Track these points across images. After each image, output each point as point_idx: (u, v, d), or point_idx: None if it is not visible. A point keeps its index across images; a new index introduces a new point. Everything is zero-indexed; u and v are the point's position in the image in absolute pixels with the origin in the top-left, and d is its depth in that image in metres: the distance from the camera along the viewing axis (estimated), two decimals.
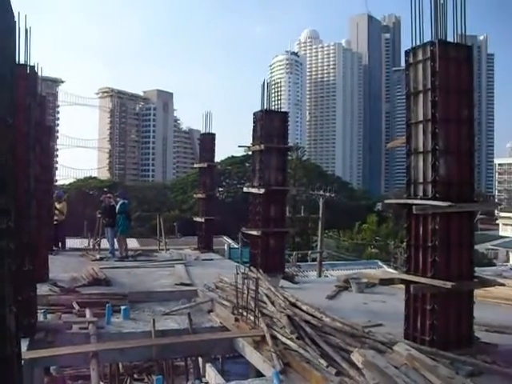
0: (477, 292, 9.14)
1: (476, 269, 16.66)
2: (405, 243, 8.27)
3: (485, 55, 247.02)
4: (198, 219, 21.73)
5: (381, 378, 5.90)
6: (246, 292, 9.59)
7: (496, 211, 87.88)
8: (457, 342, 7.75)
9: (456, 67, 7.79)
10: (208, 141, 21.92)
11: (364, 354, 6.53)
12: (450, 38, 7.86)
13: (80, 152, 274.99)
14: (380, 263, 31.57)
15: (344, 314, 9.54)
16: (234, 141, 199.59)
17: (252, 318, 9.08)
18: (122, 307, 10.26)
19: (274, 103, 14.81)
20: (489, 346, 7.95)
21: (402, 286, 8.18)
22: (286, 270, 16.49)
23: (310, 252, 35.24)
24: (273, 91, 14.85)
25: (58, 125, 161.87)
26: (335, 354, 7.03)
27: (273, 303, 9.54)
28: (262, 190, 14.13)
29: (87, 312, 9.73)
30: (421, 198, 7.75)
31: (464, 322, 7.89)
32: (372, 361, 6.36)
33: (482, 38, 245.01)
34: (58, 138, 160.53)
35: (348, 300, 11.98)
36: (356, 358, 6.57)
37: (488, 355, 7.47)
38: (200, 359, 10.54)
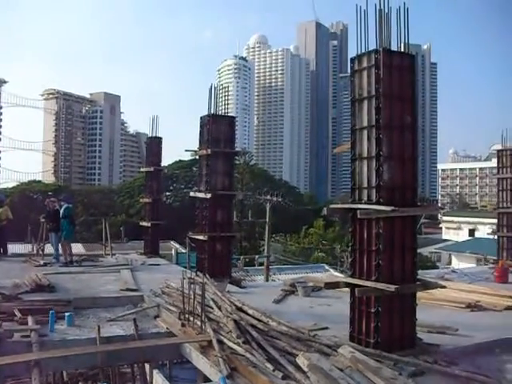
0: (420, 294, 9.37)
1: (420, 272, 16.96)
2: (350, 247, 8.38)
3: (428, 64, 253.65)
4: (144, 224, 21.45)
5: (325, 381, 5.96)
6: (192, 297, 9.55)
7: (439, 215, 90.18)
8: (400, 343, 7.90)
9: (399, 75, 7.95)
10: (155, 144, 21.70)
11: (309, 358, 6.59)
12: (394, 47, 8.03)
13: (24, 155, 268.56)
14: (327, 267, 31.93)
15: (290, 317, 9.59)
16: (181, 145, 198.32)
17: (199, 323, 9.03)
18: (66, 314, 10.01)
19: (221, 108, 14.78)
20: (431, 347, 8.14)
21: (348, 290, 8.28)
22: (233, 274, 16.48)
23: (257, 256, 35.31)
24: (220, 95, 14.83)
25: (0, 126, 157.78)
26: (281, 357, 7.07)
27: (219, 308, 9.52)
28: (208, 195, 14.10)
29: (29, 319, 9.45)
30: (365, 203, 7.88)
31: (407, 323, 8.05)
32: (317, 364, 6.42)
33: (425, 47, 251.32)
34: (0, 140, 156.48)
35: (294, 304, 12.05)
36: (301, 361, 6.62)
37: (430, 355, 7.66)
38: (147, 365, 10.39)
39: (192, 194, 15.37)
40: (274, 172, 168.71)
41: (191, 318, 9.39)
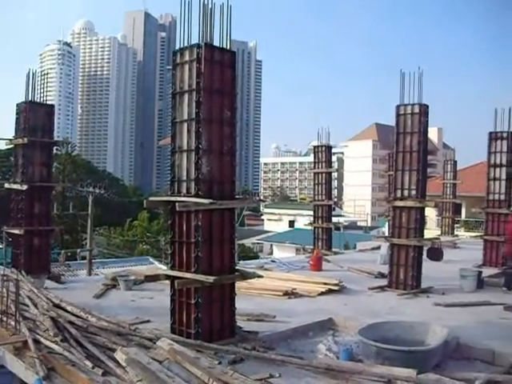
0: (240, 284, 9.67)
1: (241, 262, 17.65)
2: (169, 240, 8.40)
3: (254, 61, 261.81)
4: None
5: (144, 375, 5.93)
6: (5, 295, 8.97)
7: (261, 207, 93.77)
8: (220, 332, 8.11)
9: (220, 70, 8.11)
10: None
11: (127, 352, 6.51)
12: (221, 43, 8.14)
13: None
14: (151, 259, 31.79)
15: (111, 312, 9.49)
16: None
17: (13, 323, 8.51)
18: None
19: (40, 95, 14.01)
20: (250, 334, 8.44)
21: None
22: (53, 269, 15.75)
23: (79, 250, 34.07)
24: (40, 82, 14.03)
25: None
26: (101, 354, 6.92)
27: (36, 306, 9.08)
28: (24, 186, 13.32)
29: None
30: (184, 196, 7.94)
31: (227, 313, 8.28)
32: (135, 358, 6.36)
33: (252, 44, 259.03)
34: None
35: (116, 298, 11.84)
36: (119, 356, 6.52)
37: (249, 342, 7.94)
38: None
39: (7, 185, 14.40)
40: (98, 163, 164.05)
41: (4, 318, 8.81)
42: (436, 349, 7.41)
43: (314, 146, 22.86)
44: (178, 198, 7.90)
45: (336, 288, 12.64)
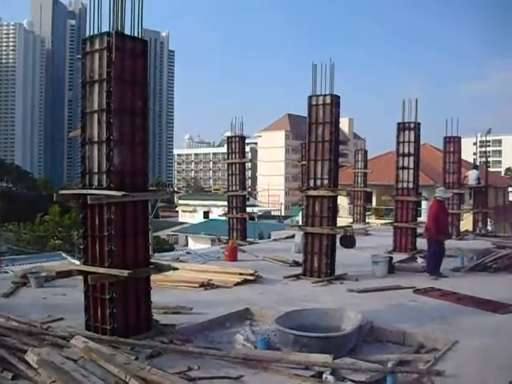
0: (155, 277, 9.54)
1: (157, 254, 17.48)
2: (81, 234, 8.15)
3: (167, 51, 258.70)
4: None
5: (57, 376, 5.71)
6: None
7: (176, 199, 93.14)
8: (137, 327, 7.95)
9: (131, 59, 7.89)
10: None
11: (38, 353, 6.25)
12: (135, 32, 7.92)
13: None
14: (64, 255, 30.89)
15: (22, 311, 9.13)
16: None
17: None
18: None
19: None
20: (167, 327, 8.34)
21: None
22: None
23: None
24: None
25: None
26: (11, 356, 6.57)
27: None
28: None
29: None
30: (96, 188, 7.70)
31: (143, 307, 8.12)
32: (47, 358, 6.13)
33: (164, 34, 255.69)
34: None
35: (26, 296, 11.37)
36: (31, 357, 6.24)
37: (166, 336, 7.86)
38: None
39: None
40: (5, 156, 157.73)
41: None
42: (351, 334, 7.61)
43: (228, 137, 22.87)
44: (90, 191, 7.66)
45: (252, 278, 12.71)
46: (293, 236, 20.16)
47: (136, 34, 7.93)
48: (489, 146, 32.88)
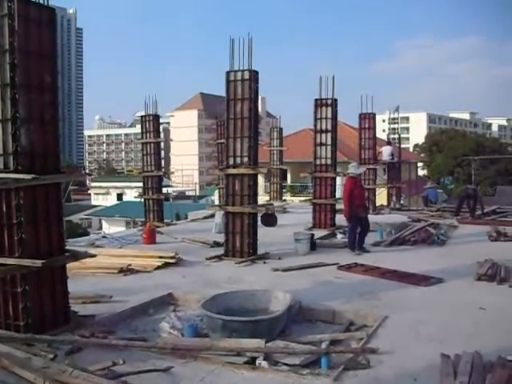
0: (72, 265, 8.87)
1: (71, 240, 16.65)
2: None
3: (74, 28, 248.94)
4: None
5: None
6: None
7: (88, 181, 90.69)
8: (54, 320, 7.35)
9: (38, 29, 7.14)
10: None
11: None
12: None
13: None
14: None
15: None
16: None
17: None
18: None
19: None
20: (87, 319, 7.83)
21: None
22: None
23: None
24: None
25: None
26: None
27: None
28: None
29: None
30: (1, 172, 6.98)
31: (59, 298, 7.51)
32: None
33: (71, 11, 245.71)
34: None
35: None
36: None
37: (87, 328, 7.32)
38: None
39: None
40: None
41: None
42: (281, 315, 7.39)
43: (141, 116, 22.11)
44: None
45: (172, 261, 12.27)
46: (211, 216, 19.82)
47: (42, 2, 7.23)
48: (397, 123, 33.62)
